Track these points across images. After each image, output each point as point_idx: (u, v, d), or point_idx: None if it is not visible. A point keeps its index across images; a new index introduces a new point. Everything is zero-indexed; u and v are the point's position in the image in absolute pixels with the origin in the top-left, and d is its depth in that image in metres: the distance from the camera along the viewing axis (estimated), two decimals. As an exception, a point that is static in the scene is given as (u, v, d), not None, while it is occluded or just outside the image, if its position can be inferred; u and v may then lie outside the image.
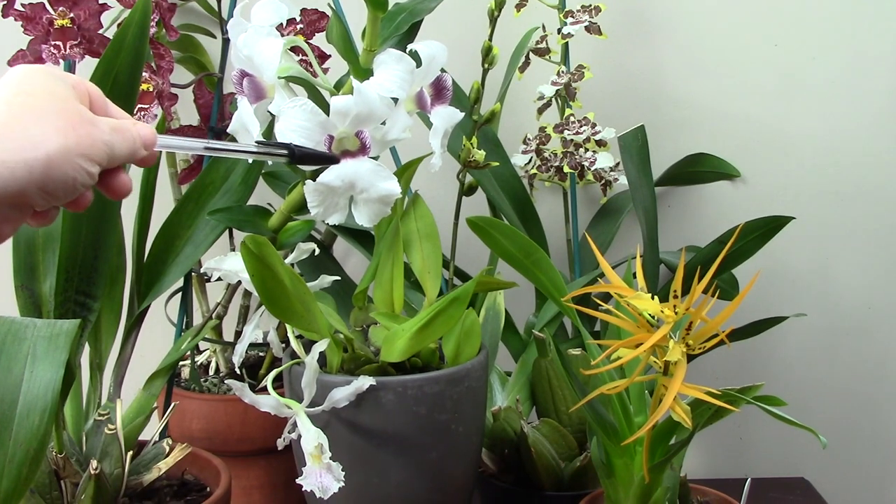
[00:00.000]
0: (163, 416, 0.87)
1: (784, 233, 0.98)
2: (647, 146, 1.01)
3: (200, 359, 1.09)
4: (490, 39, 0.86)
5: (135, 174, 0.88)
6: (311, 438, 0.70)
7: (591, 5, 1.03)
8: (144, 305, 0.87)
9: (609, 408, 0.73)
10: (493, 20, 0.88)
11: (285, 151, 0.59)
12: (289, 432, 0.76)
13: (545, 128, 1.06)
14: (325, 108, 0.73)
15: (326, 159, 0.64)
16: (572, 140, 1.04)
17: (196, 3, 1.09)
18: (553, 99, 1.08)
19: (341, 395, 0.73)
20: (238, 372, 1.04)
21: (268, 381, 0.75)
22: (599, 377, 0.74)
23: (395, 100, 0.75)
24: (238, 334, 1.07)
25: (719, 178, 1.16)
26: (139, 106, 0.87)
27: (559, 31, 1.04)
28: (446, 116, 0.79)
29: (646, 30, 1.15)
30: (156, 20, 0.91)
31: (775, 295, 1.18)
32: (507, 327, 1.01)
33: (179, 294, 0.99)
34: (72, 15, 0.86)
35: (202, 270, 0.91)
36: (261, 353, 1.09)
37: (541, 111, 1.09)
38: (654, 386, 0.63)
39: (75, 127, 0.46)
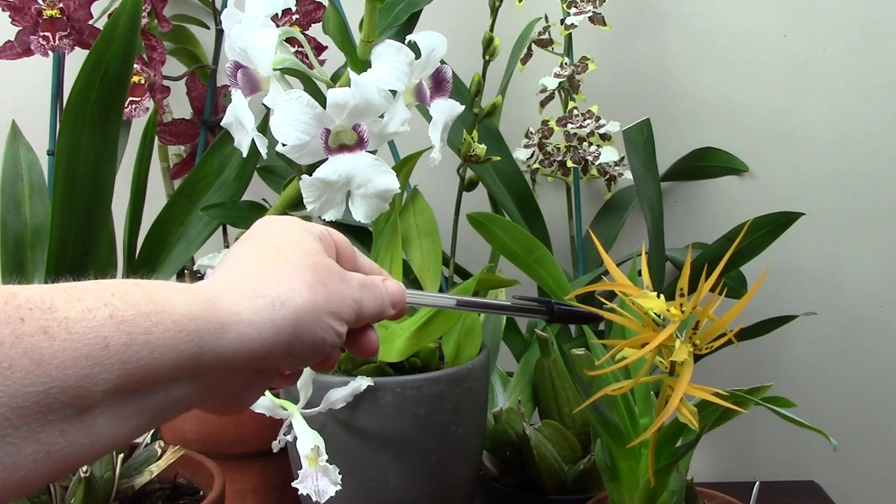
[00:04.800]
0: (155, 417, 0.86)
1: (793, 229, 0.98)
2: (653, 140, 1.00)
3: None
4: (491, 30, 0.86)
5: (126, 168, 0.87)
6: (308, 441, 0.70)
7: (595, -4, 1.02)
8: (136, 303, 0.86)
9: (613, 409, 0.72)
10: (495, 10, 0.88)
11: (544, 309, 0.55)
12: (284, 434, 0.76)
13: (548, 121, 1.06)
14: (322, 100, 0.73)
15: (587, 318, 0.59)
16: (576, 134, 1.04)
17: (190, -6, 1.07)
18: (556, 91, 1.07)
19: (338, 395, 0.73)
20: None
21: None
22: (604, 378, 0.74)
23: (394, 92, 0.75)
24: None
25: (727, 172, 1.15)
26: (130, 99, 0.87)
27: (562, 21, 1.03)
28: (446, 109, 0.80)
29: (651, 20, 1.14)
30: (147, 10, 0.91)
31: (784, 293, 1.17)
32: (508, 326, 1.01)
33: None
34: (61, 5, 0.86)
35: (195, 268, 0.91)
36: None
37: (543, 104, 1.08)
38: (660, 387, 0.62)
39: (325, 283, 0.43)
